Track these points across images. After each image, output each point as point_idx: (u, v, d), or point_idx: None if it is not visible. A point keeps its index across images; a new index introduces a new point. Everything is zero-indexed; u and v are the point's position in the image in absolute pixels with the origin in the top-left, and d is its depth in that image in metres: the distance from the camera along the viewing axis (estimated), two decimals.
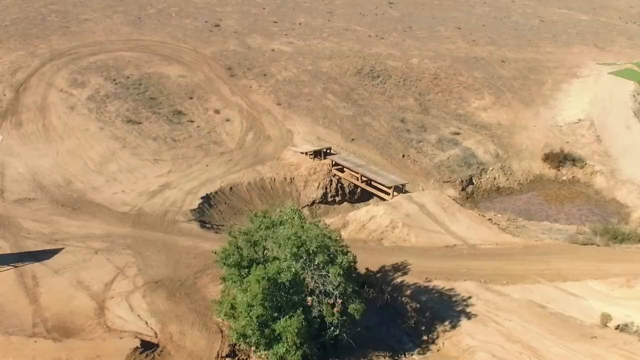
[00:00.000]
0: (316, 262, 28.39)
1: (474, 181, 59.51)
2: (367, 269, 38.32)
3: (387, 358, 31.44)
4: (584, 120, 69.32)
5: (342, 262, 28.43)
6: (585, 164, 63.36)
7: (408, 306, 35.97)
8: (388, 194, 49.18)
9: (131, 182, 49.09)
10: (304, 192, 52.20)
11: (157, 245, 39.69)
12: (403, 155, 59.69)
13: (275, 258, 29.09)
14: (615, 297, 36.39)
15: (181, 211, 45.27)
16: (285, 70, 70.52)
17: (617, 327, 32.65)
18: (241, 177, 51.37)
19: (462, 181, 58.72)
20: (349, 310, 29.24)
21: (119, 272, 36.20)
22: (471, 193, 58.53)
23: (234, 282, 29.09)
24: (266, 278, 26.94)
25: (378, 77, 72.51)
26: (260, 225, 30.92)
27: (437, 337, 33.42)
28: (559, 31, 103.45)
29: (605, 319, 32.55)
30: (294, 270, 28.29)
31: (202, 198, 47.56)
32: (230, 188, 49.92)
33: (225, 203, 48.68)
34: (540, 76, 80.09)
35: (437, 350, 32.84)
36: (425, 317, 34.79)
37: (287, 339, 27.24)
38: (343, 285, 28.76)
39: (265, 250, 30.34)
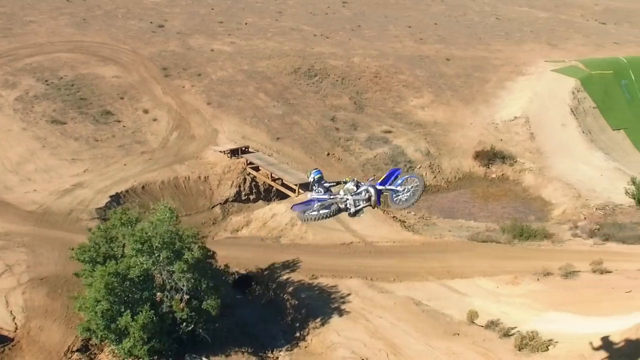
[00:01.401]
0: (161, 258, 28.40)
1: None
2: (257, 266, 38.51)
3: (247, 354, 31.34)
4: (520, 118, 69.24)
5: (187, 258, 28.40)
6: (516, 161, 63.34)
7: (288, 303, 36.00)
8: (294, 191, 49.09)
9: (45, 182, 48.79)
10: (217, 190, 52.05)
11: (54, 243, 39.41)
12: (328, 154, 59.58)
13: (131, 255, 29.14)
14: (499, 295, 36.30)
15: (87, 210, 45.11)
16: (221, 70, 70.34)
17: (486, 324, 32.51)
18: (156, 176, 51.16)
19: None
20: (202, 307, 29.27)
21: (7, 269, 35.97)
22: None
23: (86, 278, 29.23)
24: (112, 273, 27.01)
25: (315, 76, 72.34)
26: (117, 222, 30.91)
27: (308, 334, 33.38)
28: (513, 29, 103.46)
29: (472, 315, 32.48)
30: (146, 266, 28.36)
31: (111, 197, 47.32)
32: (143, 187, 49.70)
33: (136, 202, 48.48)
34: (484, 74, 79.95)
35: (305, 347, 32.78)
36: (301, 314, 34.78)
37: (133, 334, 27.33)
38: (193, 281, 28.77)
39: (124, 247, 30.38)
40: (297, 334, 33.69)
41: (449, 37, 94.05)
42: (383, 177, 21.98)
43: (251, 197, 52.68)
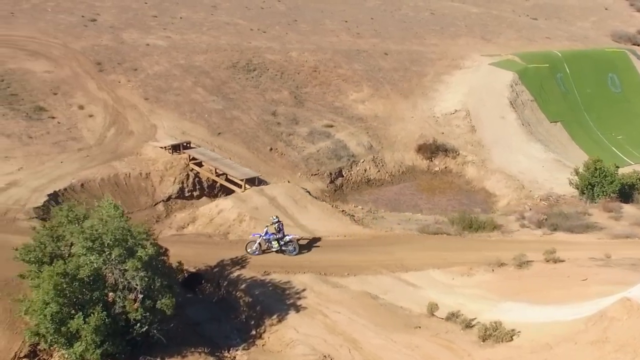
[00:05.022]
0: (113, 257, 27.03)
1: (343, 173, 58.83)
2: (205, 264, 37.39)
3: (204, 354, 30.16)
4: (460, 111, 69.44)
5: (141, 255, 27.08)
6: (458, 154, 63.48)
7: (241, 300, 34.86)
8: (240, 186, 47.99)
9: None
10: (159, 187, 50.51)
11: None
12: (270, 149, 58.62)
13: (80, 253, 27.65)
14: (454, 286, 35.93)
15: (24, 209, 43.14)
16: (157, 64, 68.66)
17: (447, 316, 31.97)
18: (95, 173, 49.33)
19: (330, 174, 57.95)
20: (157, 306, 28.00)
21: None
22: (340, 185, 57.83)
23: (32, 279, 27.70)
24: (60, 274, 25.56)
25: (254, 70, 71.22)
26: (63, 220, 29.43)
27: (264, 332, 32.30)
28: (447, 24, 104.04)
29: (432, 308, 31.92)
30: (96, 265, 26.96)
31: (48, 195, 45.38)
32: (82, 185, 47.83)
33: (75, 200, 46.62)
34: (422, 68, 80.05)
35: (262, 345, 31.72)
36: (256, 312, 33.68)
37: (85, 337, 25.92)
38: (146, 280, 27.48)
39: (72, 245, 28.91)
40: (253, 332, 32.61)
41: (384, 31, 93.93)
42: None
43: (195, 193, 51.34)
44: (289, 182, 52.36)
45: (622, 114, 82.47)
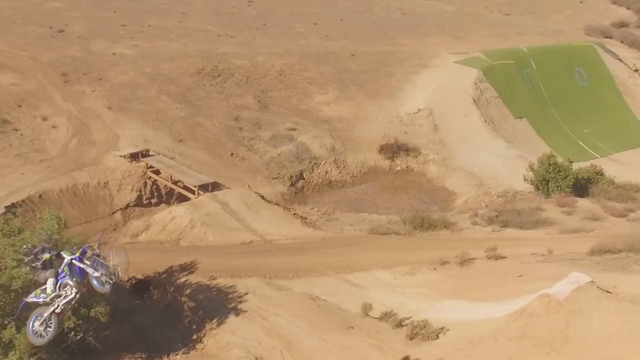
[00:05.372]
0: None
1: (304, 176, 59.49)
2: (155, 270, 38.13)
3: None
4: (424, 110, 70.02)
5: None
6: (419, 153, 64.15)
7: (185, 306, 35.66)
8: (194, 192, 48.81)
9: None
10: (117, 195, 51.26)
11: None
12: (232, 154, 59.29)
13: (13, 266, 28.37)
14: (397, 286, 36.74)
15: None
16: (123, 73, 69.24)
17: (380, 316, 32.66)
18: (54, 184, 49.99)
19: (291, 177, 58.60)
20: (91, 314, 28.71)
21: None
22: (301, 188, 58.52)
23: None
24: None
25: (219, 76, 71.80)
26: None
27: (204, 336, 33.06)
28: (418, 23, 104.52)
29: (366, 308, 32.66)
30: (30, 277, 27.63)
31: (6, 207, 46.08)
32: (40, 196, 48.50)
33: (33, 211, 47.29)
34: (390, 68, 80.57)
35: (202, 349, 32.49)
36: (198, 316, 34.46)
37: (18, 346, 26.67)
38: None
39: (7, 258, 29.56)
40: (194, 337, 33.37)
41: (354, 32, 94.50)
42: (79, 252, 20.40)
43: (153, 200, 52.10)
44: (249, 186, 53.07)
45: (590, 108, 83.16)
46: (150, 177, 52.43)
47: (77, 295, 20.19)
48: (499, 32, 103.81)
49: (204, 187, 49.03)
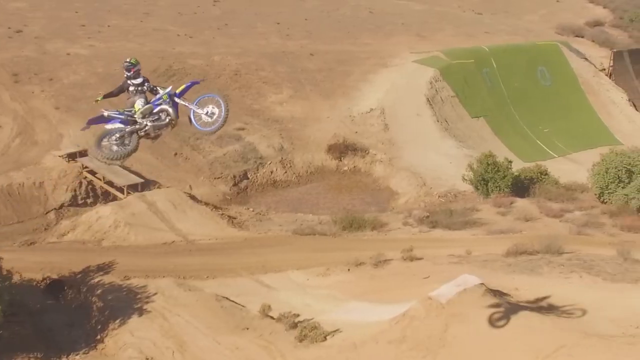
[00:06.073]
0: None
1: (249, 176, 59.55)
2: (71, 270, 38.23)
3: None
4: (375, 109, 69.96)
5: None
6: (367, 153, 64.18)
7: (94, 306, 35.76)
8: (123, 192, 49.00)
9: None
10: (52, 195, 51.35)
11: None
12: (175, 154, 59.39)
13: None
14: (308, 287, 36.78)
15: None
16: (74, 74, 69.23)
17: (278, 317, 32.73)
18: None
19: (234, 176, 58.65)
20: None
21: None
22: (244, 188, 58.60)
23: None
24: None
25: (173, 75, 71.48)
26: None
27: (106, 336, 33.25)
28: (385, 22, 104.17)
29: (265, 309, 32.77)
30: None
31: None
32: None
33: None
34: (348, 67, 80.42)
35: (102, 350, 32.67)
36: (105, 316, 34.60)
37: None
38: None
39: None
40: (98, 337, 33.54)
41: (317, 32, 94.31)
42: (182, 87, 21.13)
43: (88, 200, 52.16)
44: (190, 187, 53.37)
45: (552, 107, 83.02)
46: (85, 177, 52.49)
47: (170, 125, 20.88)
48: (466, 32, 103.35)
49: (133, 187, 49.21)
